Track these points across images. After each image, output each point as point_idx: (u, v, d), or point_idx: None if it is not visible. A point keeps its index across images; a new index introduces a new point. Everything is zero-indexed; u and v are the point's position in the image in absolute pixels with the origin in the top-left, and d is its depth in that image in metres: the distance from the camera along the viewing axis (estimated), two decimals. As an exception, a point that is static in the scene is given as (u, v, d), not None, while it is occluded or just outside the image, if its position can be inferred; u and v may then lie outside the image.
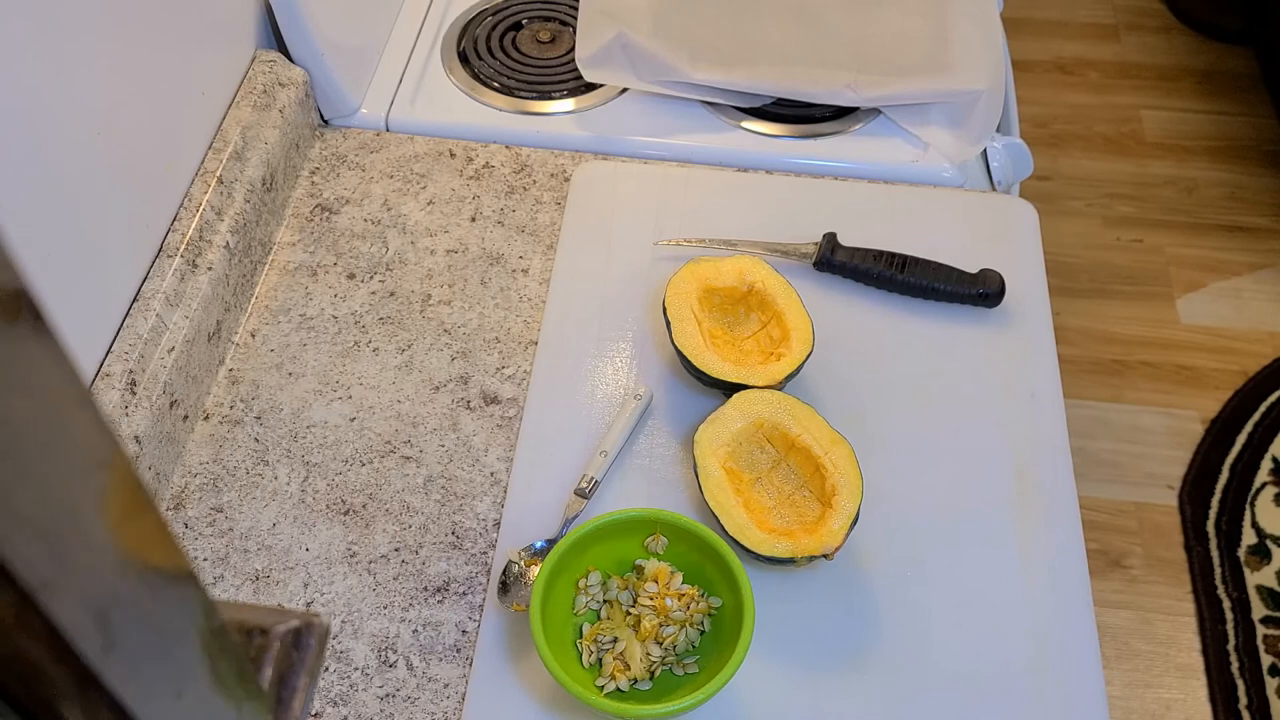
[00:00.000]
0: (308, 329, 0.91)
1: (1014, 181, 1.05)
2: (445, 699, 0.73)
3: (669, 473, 0.82)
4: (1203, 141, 2.32)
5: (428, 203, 1.00)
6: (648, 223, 0.97)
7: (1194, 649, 1.61)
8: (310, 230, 0.98)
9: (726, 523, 0.75)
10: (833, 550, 0.73)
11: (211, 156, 0.91)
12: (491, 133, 1.06)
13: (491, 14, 1.16)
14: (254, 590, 0.77)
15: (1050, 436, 0.84)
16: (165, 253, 0.85)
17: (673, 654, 0.72)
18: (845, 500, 0.75)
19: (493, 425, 0.86)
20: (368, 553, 0.79)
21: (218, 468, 0.83)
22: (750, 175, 1.03)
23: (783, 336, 0.84)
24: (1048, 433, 0.84)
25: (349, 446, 0.84)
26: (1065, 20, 2.54)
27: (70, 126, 0.74)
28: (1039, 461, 0.83)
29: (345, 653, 0.75)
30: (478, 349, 0.90)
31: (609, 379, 0.87)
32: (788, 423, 0.79)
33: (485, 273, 0.95)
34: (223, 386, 0.88)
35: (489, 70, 1.11)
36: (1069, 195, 2.24)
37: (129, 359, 0.78)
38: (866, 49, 1.07)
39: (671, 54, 1.04)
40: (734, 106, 1.06)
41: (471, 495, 0.82)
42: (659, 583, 0.73)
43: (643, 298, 0.92)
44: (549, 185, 1.01)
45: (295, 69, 1.01)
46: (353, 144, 1.04)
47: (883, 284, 0.91)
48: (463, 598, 0.77)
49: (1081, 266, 2.11)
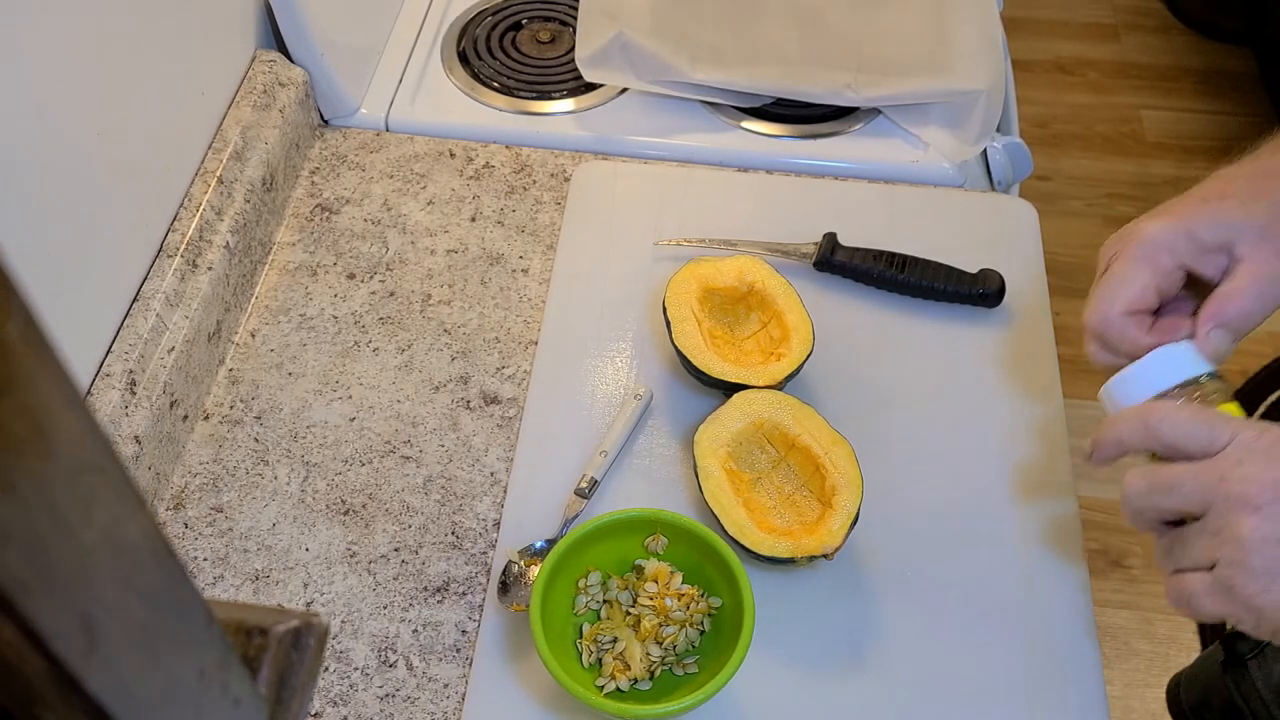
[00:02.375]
0: (308, 329, 0.91)
1: (1014, 181, 1.04)
2: (445, 699, 0.73)
3: (669, 473, 0.82)
4: (1203, 141, 2.32)
5: (428, 203, 1.00)
6: (648, 223, 0.97)
7: (1194, 649, 1.61)
8: (310, 230, 0.98)
9: (726, 523, 0.75)
10: (833, 550, 0.73)
11: (211, 156, 0.91)
12: (491, 133, 1.06)
13: (491, 14, 1.16)
14: (254, 590, 0.77)
15: (1050, 436, 0.84)
16: (165, 253, 0.85)
17: (673, 654, 0.72)
18: (845, 500, 0.75)
19: (493, 425, 0.86)
20: (368, 553, 0.79)
21: (218, 468, 0.83)
22: (750, 175, 1.03)
23: (783, 336, 0.84)
24: (1048, 432, 0.84)
25: (349, 446, 0.84)
26: (1065, 20, 2.54)
27: (70, 126, 0.74)
28: (1039, 461, 0.83)
29: (345, 653, 0.75)
30: (478, 349, 0.90)
31: (609, 379, 0.87)
32: (788, 423, 0.79)
33: (485, 273, 0.95)
34: (223, 386, 0.88)
35: (489, 70, 1.11)
36: (1069, 195, 2.24)
37: (129, 359, 0.78)
38: (866, 49, 1.07)
39: (671, 54, 1.04)
40: (734, 106, 1.06)
41: (471, 495, 0.82)
42: (659, 583, 0.73)
43: (643, 298, 0.92)
44: (549, 185, 1.01)
45: (295, 69, 1.01)
46: (353, 144, 1.04)
47: (883, 284, 0.91)
48: (463, 598, 0.77)
49: (1081, 266, 2.11)
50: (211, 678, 0.30)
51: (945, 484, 0.82)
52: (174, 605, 0.28)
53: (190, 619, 0.29)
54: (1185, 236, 0.66)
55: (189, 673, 0.29)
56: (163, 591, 0.27)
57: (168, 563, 0.27)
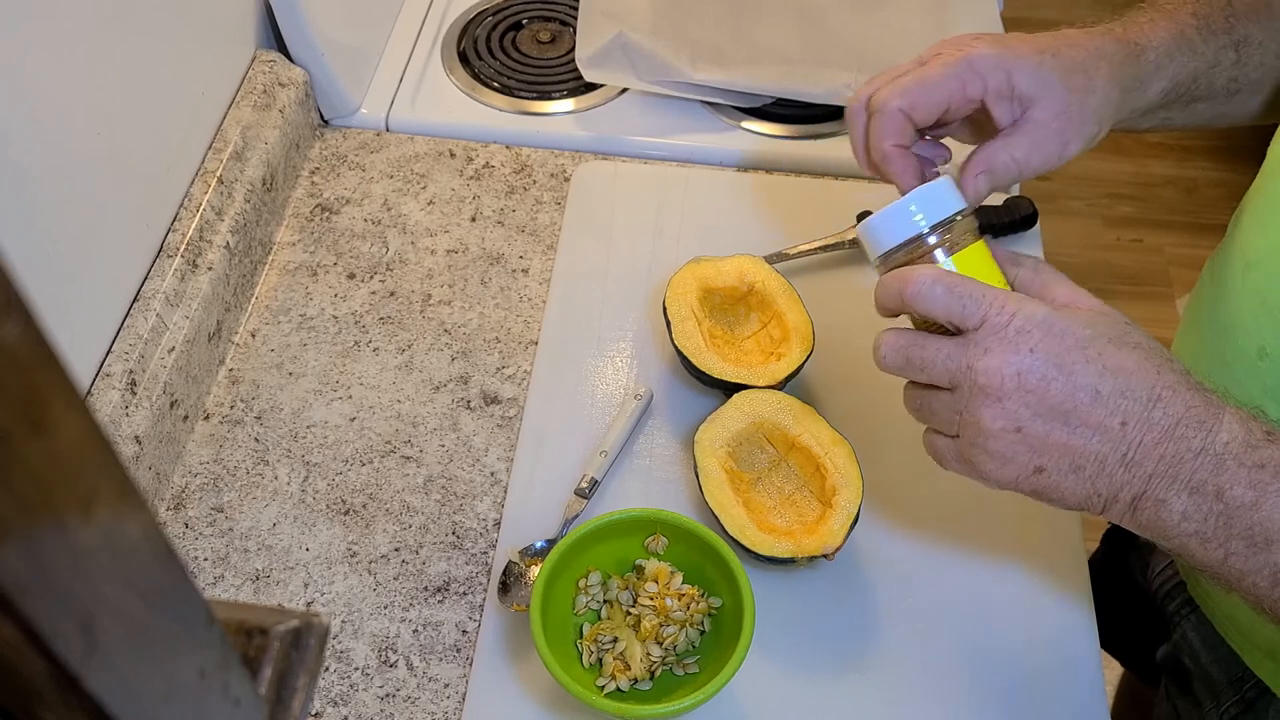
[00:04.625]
0: (308, 329, 0.91)
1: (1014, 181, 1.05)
2: (445, 699, 0.73)
3: (669, 473, 0.82)
4: (1203, 141, 2.32)
5: (428, 203, 1.00)
6: (648, 223, 0.97)
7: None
8: (310, 230, 0.98)
9: (726, 523, 0.75)
10: (833, 550, 0.73)
11: (211, 156, 0.91)
12: (491, 133, 1.06)
13: (491, 14, 1.16)
14: (254, 590, 0.77)
15: (1050, 436, 0.84)
16: (165, 253, 0.85)
17: (673, 654, 0.72)
18: (845, 500, 0.75)
19: (493, 425, 0.86)
20: (368, 553, 0.79)
21: (218, 468, 0.83)
22: (750, 175, 1.03)
23: (783, 336, 0.84)
24: (1048, 433, 0.84)
25: (349, 446, 0.84)
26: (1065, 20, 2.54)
27: (70, 126, 0.74)
28: (1039, 461, 0.82)
29: (345, 653, 0.75)
30: (478, 349, 0.90)
31: (609, 379, 0.87)
32: (788, 423, 0.79)
33: (485, 273, 0.95)
34: (223, 386, 0.88)
35: (489, 70, 1.11)
36: (1069, 195, 2.24)
37: (129, 359, 0.78)
38: (866, 49, 1.07)
39: (672, 54, 1.04)
40: (734, 106, 1.06)
41: (471, 495, 0.82)
42: (659, 583, 0.73)
43: (643, 298, 0.92)
44: (549, 185, 1.01)
45: (295, 69, 1.01)
46: (353, 144, 1.04)
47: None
48: (463, 598, 0.77)
49: (1081, 266, 2.11)
50: (211, 678, 0.30)
51: (945, 483, 0.81)
52: (174, 605, 0.28)
53: (190, 619, 0.29)
54: (1005, 75, 0.65)
55: (189, 673, 0.29)
56: (163, 591, 0.27)
57: (168, 563, 0.27)
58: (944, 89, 0.65)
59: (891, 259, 0.64)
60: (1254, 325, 0.68)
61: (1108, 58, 0.68)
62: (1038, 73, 0.66)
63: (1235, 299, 0.70)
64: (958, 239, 0.63)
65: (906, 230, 0.63)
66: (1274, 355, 0.67)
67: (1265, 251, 0.68)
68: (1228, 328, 0.71)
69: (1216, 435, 0.55)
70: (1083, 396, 0.56)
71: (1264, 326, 0.67)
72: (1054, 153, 0.67)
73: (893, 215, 0.63)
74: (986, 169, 0.66)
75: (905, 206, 0.63)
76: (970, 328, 0.58)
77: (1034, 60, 0.66)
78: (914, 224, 0.63)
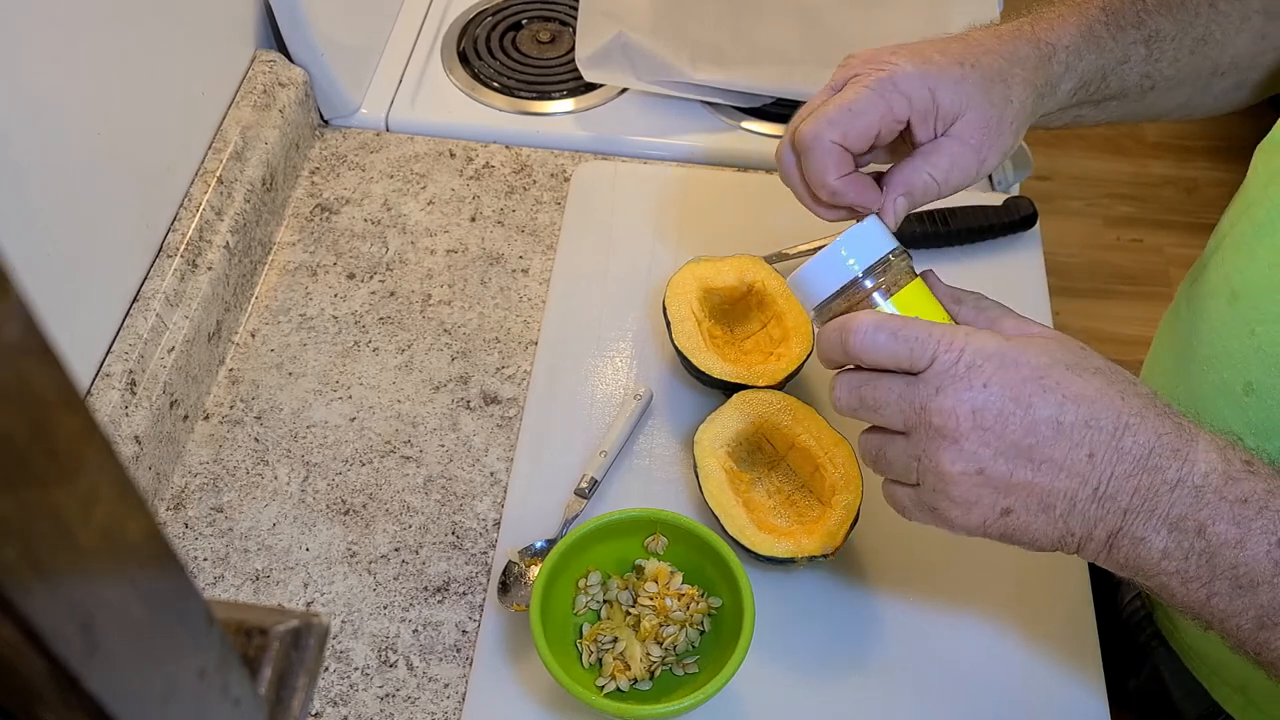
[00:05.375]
0: (308, 329, 0.91)
1: (1014, 181, 1.04)
2: (445, 699, 0.73)
3: (669, 473, 0.82)
4: (1203, 141, 2.32)
5: (428, 203, 1.00)
6: (648, 223, 0.97)
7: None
8: (310, 230, 0.98)
9: (726, 523, 0.75)
10: (833, 550, 0.73)
11: (211, 156, 0.91)
12: (491, 133, 1.06)
13: (491, 14, 1.16)
14: (254, 590, 0.77)
15: (1050, 436, 0.84)
16: (165, 253, 0.85)
17: (673, 654, 0.72)
18: (845, 500, 0.75)
19: (493, 425, 0.86)
20: (368, 553, 0.79)
21: (218, 468, 0.83)
22: (750, 175, 1.03)
23: (783, 336, 0.84)
24: (1048, 433, 0.84)
25: (349, 446, 0.84)
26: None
27: (70, 126, 0.74)
28: (1039, 461, 0.82)
29: (345, 653, 0.75)
30: (478, 349, 0.90)
31: (609, 379, 0.87)
32: (788, 423, 0.79)
33: (485, 273, 0.95)
34: (223, 386, 0.88)
35: (489, 70, 1.11)
36: (1069, 195, 2.24)
37: (129, 359, 0.78)
38: (866, 48, 1.07)
39: (671, 54, 1.04)
40: (734, 106, 1.06)
41: (471, 495, 0.82)
42: (659, 583, 0.73)
43: (643, 298, 0.92)
44: (549, 185, 1.01)
45: (295, 69, 1.01)
46: (353, 144, 1.04)
47: (928, 244, 0.93)
48: (463, 598, 0.77)
49: (1081, 266, 2.12)
50: (211, 678, 0.30)
51: (945, 484, 0.81)
52: (174, 605, 0.28)
53: (190, 619, 0.29)
54: (929, 93, 0.62)
55: (189, 673, 0.29)
56: (163, 591, 0.27)
57: (168, 563, 0.27)
58: (873, 114, 0.62)
59: (828, 309, 0.61)
60: (1240, 359, 0.65)
61: (1021, 63, 0.65)
62: (959, 87, 0.63)
63: (1219, 330, 0.67)
64: (895, 279, 0.60)
65: (840, 277, 0.60)
66: (1261, 391, 0.63)
67: (1254, 281, 0.65)
68: (1208, 359, 0.68)
69: (1194, 466, 0.52)
70: (1044, 430, 0.53)
71: (1251, 361, 0.64)
72: (972, 168, 0.64)
73: (824, 262, 0.60)
74: (905, 190, 0.63)
75: (836, 252, 0.60)
76: (921, 369, 0.55)
77: (955, 74, 0.63)
78: (847, 269, 0.60)
